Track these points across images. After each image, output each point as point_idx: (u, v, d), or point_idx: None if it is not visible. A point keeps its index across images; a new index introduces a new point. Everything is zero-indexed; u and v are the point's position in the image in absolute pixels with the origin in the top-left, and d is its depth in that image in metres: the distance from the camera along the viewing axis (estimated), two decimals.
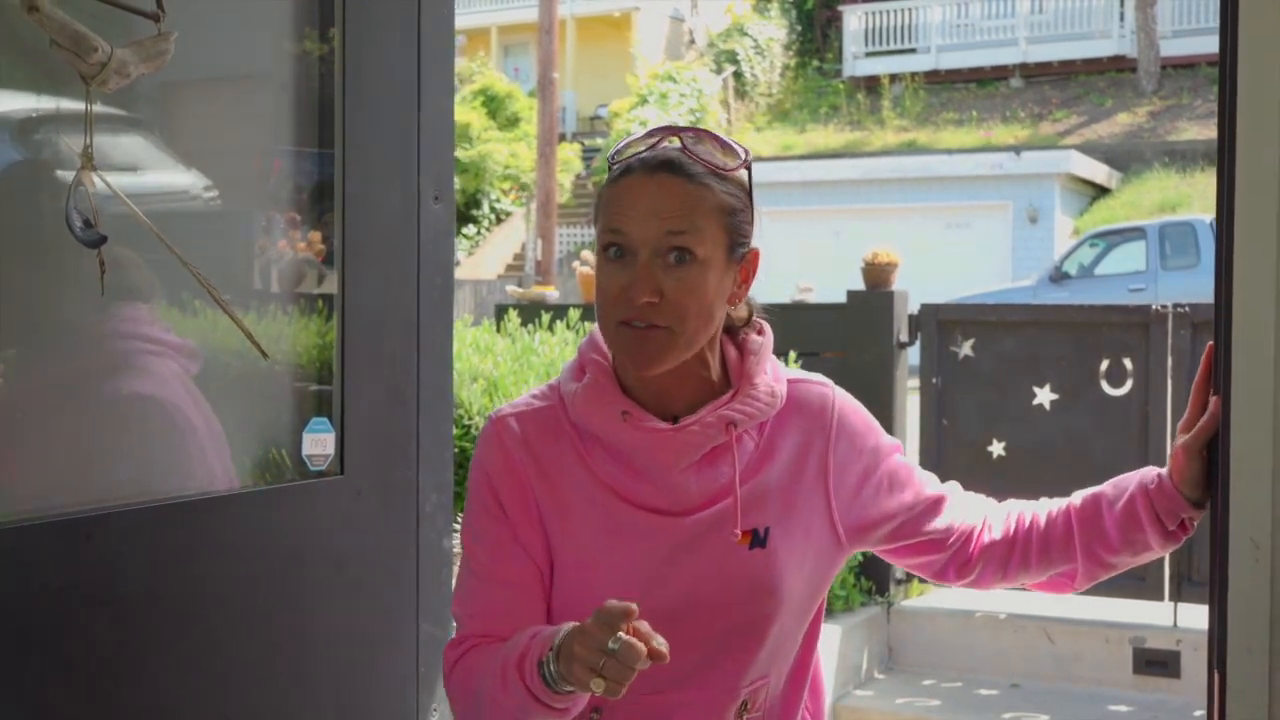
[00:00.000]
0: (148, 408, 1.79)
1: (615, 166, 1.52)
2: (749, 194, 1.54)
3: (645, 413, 1.51)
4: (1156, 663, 4.97)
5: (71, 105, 1.63)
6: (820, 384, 1.63)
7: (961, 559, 1.64)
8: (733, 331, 1.60)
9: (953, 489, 1.67)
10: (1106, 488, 1.64)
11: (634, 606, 1.30)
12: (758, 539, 1.51)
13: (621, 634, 1.28)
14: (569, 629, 1.36)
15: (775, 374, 1.58)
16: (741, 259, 1.52)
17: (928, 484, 1.66)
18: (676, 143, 1.50)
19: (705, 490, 1.51)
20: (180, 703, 1.75)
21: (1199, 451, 1.55)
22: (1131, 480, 1.62)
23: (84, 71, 1.57)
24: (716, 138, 1.52)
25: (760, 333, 1.60)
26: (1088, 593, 1.69)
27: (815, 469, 1.57)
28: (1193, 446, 1.55)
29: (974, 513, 1.66)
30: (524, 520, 1.53)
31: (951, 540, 1.63)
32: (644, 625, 1.31)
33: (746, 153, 1.54)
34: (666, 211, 1.46)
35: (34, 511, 1.61)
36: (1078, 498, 1.65)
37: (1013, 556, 1.64)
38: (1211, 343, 1.53)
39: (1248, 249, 1.43)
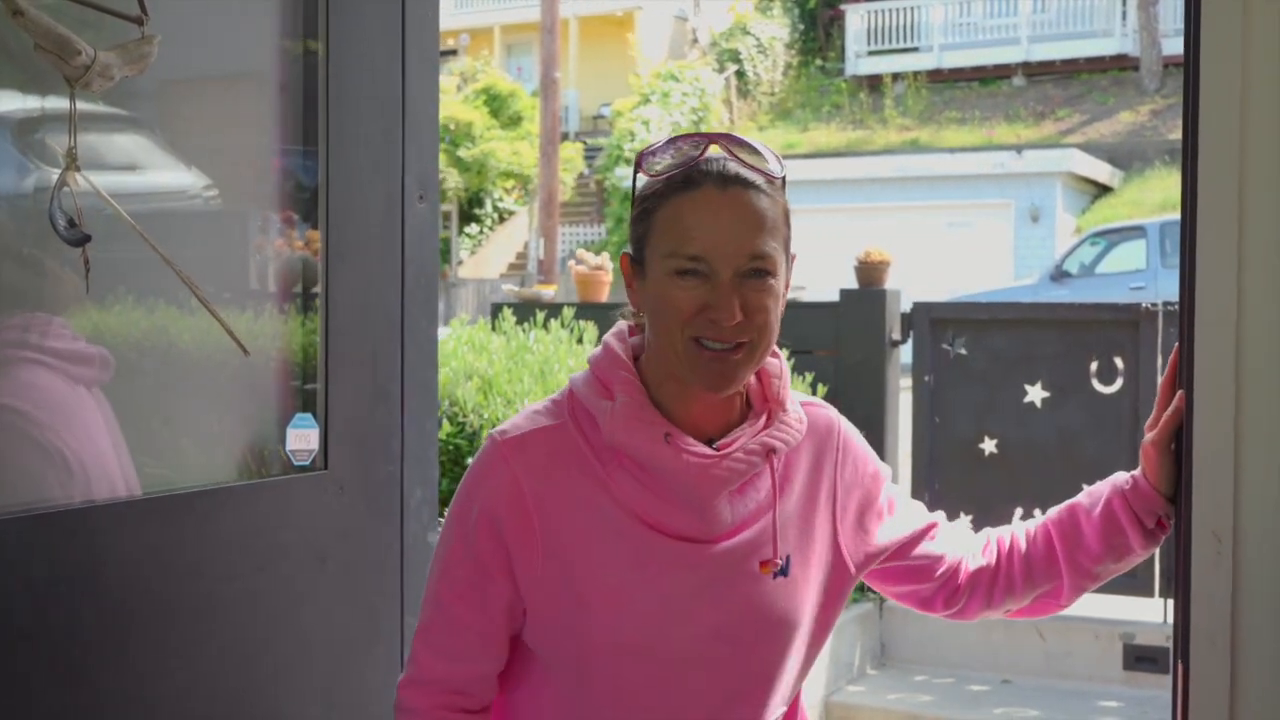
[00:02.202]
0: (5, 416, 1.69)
1: (669, 177, 1.43)
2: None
3: (686, 436, 1.43)
4: (1147, 659, 4.99)
5: (57, 106, 1.65)
6: (824, 407, 1.60)
7: (950, 589, 1.64)
8: None
9: (940, 518, 1.68)
10: (1081, 498, 1.65)
11: None
12: (781, 568, 1.47)
13: None
14: None
15: (793, 399, 1.55)
16: (788, 265, 1.49)
17: (919, 511, 1.66)
18: (718, 151, 1.44)
19: (736, 517, 1.46)
20: (164, 697, 1.77)
21: (1167, 446, 1.57)
22: (1104, 486, 1.64)
23: (68, 74, 1.59)
24: (752, 144, 1.46)
25: (775, 356, 1.53)
26: None
27: (825, 494, 1.54)
28: (1160, 442, 1.57)
29: (961, 543, 1.66)
30: (521, 557, 1.44)
31: (941, 570, 1.63)
32: None
33: (779, 157, 1.48)
34: (748, 231, 1.40)
35: (19, 505, 1.63)
36: (1053, 512, 1.66)
37: (997, 582, 1.65)
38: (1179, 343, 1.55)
39: (1209, 247, 1.45)
